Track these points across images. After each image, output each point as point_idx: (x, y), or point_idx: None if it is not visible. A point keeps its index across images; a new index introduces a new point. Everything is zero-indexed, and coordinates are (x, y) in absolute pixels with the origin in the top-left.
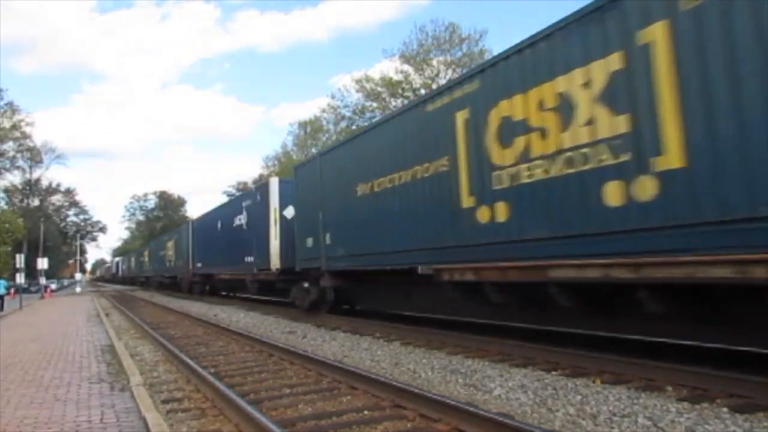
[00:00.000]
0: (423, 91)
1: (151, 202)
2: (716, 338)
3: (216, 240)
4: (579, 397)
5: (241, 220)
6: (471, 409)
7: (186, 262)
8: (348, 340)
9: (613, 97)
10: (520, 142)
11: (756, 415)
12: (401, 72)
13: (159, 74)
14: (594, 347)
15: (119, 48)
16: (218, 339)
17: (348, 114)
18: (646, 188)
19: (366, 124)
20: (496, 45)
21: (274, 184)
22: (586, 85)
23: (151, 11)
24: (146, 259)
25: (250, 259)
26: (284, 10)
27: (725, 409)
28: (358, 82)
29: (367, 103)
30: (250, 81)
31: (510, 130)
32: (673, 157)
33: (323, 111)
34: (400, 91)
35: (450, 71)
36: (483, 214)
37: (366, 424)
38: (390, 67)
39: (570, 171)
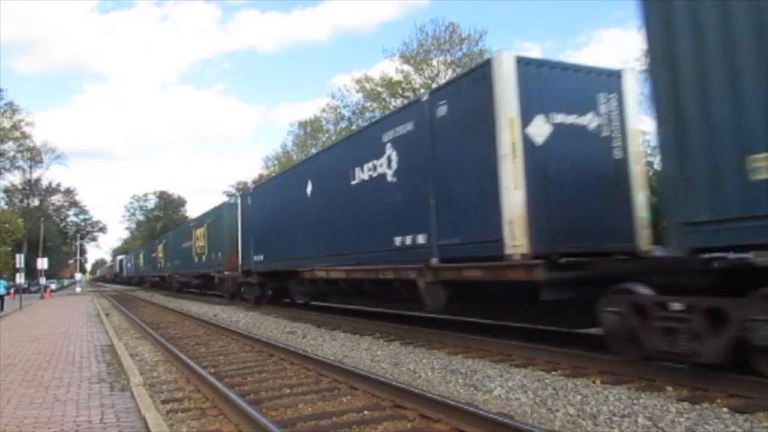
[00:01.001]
0: (423, 92)
1: (151, 202)
2: None
3: (299, 215)
4: (579, 397)
5: (378, 168)
6: (471, 409)
7: (230, 256)
8: (348, 340)
9: None
10: None
11: (756, 415)
12: (401, 72)
13: (159, 74)
14: (594, 347)
15: (119, 48)
16: (218, 339)
17: (348, 114)
18: None
19: (366, 123)
20: (497, 45)
21: (508, 65)
22: None
23: (152, 11)
24: (160, 254)
25: (415, 239)
26: (284, 10)
27: (725, 409)
28: (358, 82)
29: (367, 103)
30: (251, 81)
31: None
32: None
33: (323, 111)
34: (400, 91)
35: (450, 71)
36: None
37: (366, 424)
38: (390, 67)
39: None
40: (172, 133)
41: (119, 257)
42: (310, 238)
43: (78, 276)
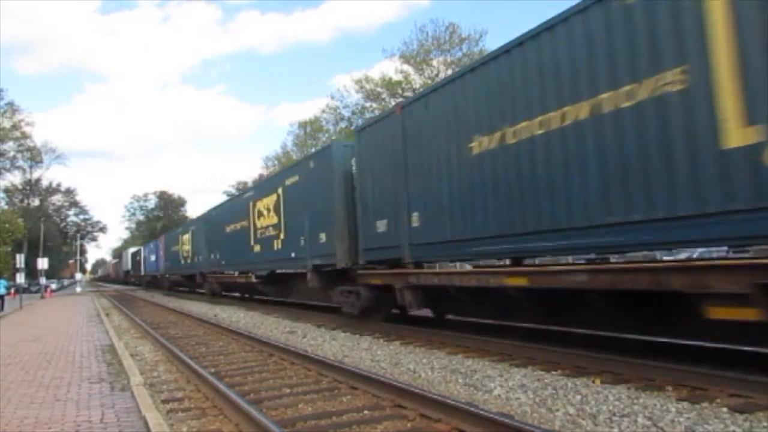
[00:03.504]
0: None
1: (151, 202)
2: None
3: None
4: (579, 397)
5: None
6: (471, 409)
7: None
8: (348, 340)
9: None
10: None
11: (756, 415)
12: (401, 72)
13: (160, 75)
14: (594, 347)
15: (121, 49)
16: (218, 339)
17: (347, 114)
18: None
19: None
20: (496, 45)
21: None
22: None
23: (153, 12)
24: (269, 220)
25: None
26: (285, 11)
27: (725, 409)
28: (357, 82)
29: (367, 104)
30: (251, 81)
31: None
32: None
33: (323, 111)
34: (399, 91)
35: (450, 71)
36: None
37: (366, 424)
38: (390, 68)
39: None
40: (172, 133)
41: (131, 250)
42: None
43: (78, 276)
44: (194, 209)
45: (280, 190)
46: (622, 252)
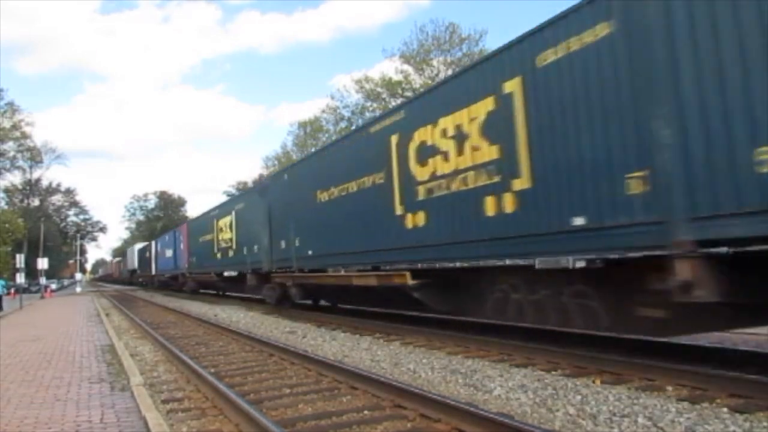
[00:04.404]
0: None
1: (151, 202)
2: None
3: None
4: (579, 397)
5: None
6: (471, 409)
7: None
8: (348, 340)
9: None
10: None
11: (756, 415)
12: (401, 72)
13: (160, 75)
14: (594, 347)
15: (121, 49)
16: (218, 339)
17: (347, 114)
18: None
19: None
20: (496, 45)
21: None
22: None
23: (153, 12)
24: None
25: None
26: (285, 11)
27: (725, 409)
28: (357, 82)
29: (367, 104)
30: (251, 81)
31: None
32: None
33: (323, 111)
34: (399, 91)
35: (450, 71)
36: None
37: (366, 424)
38: (390, 68)
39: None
40: (172, 133)
41: (138, 246)
42: None
43: (78, 276)
44: (194, 209)
45: (509, 87)
46: None
